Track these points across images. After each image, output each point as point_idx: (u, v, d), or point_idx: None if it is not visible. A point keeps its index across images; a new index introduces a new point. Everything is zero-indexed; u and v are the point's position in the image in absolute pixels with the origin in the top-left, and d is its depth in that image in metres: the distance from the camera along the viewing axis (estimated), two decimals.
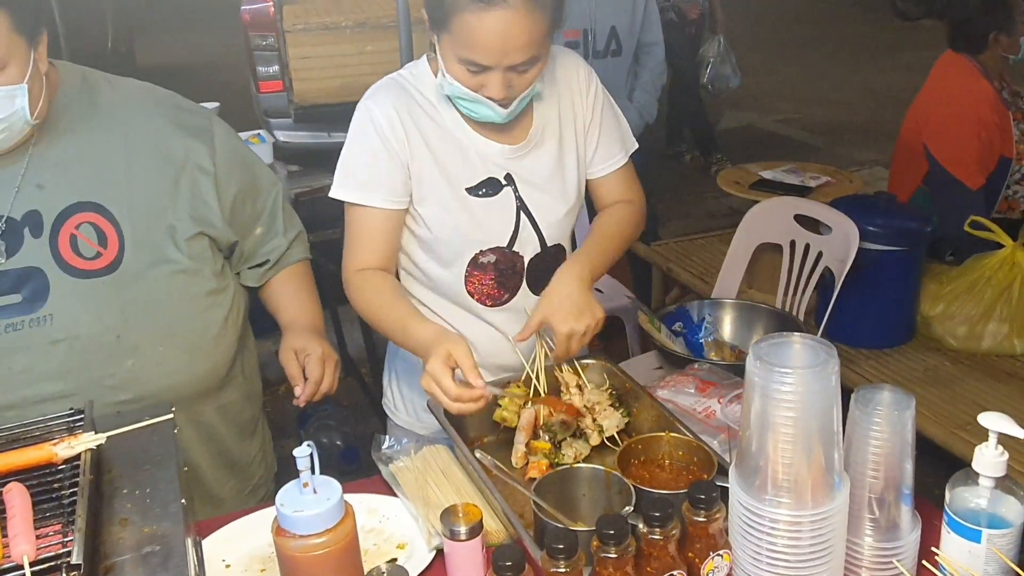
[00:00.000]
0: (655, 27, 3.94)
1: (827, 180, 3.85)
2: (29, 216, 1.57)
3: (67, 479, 1.18)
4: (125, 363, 1.61)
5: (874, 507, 1.28)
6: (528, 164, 1.77)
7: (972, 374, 2.84)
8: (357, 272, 1.74)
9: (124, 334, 1.60)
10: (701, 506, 1.24)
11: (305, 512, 1.12)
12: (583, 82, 1.83)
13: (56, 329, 1.56)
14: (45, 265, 1.56)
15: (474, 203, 1.73)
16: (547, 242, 1.81)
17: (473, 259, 1.77)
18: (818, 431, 1.17)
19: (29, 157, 1.57)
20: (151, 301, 1.62)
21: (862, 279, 2.82)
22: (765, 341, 1.22)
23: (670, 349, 2.51)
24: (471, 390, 1.53)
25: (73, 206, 1.58)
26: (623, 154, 1.89)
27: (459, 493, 1.53)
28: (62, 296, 1.56)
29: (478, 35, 1.53)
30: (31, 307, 1.55)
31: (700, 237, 3.92)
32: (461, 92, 1.62)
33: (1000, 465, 1.21)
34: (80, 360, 1.58)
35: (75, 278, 1.57)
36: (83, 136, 1.61)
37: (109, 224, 1.60)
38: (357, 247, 1.75)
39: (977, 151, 3.10)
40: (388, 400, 2.03)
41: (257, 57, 4.96)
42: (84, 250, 1.58)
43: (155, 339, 1.64)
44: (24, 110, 1.48)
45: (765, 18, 10.67)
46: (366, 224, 1.73)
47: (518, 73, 1.59)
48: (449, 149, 1.72)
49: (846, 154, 6.65)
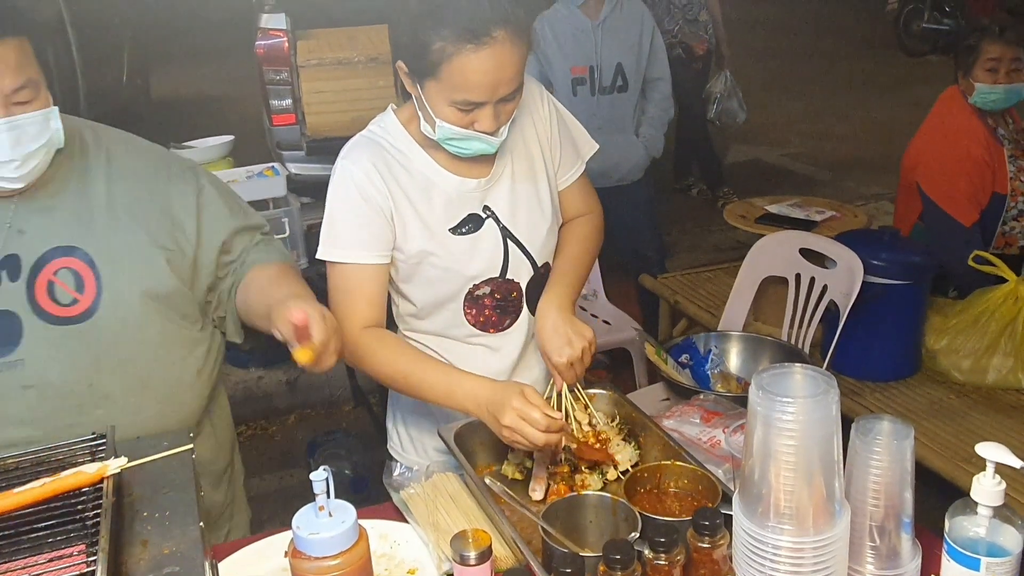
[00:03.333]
0: (661, 63, 4.01)
1: (832, 214, 3.89)
2: (8, 260, 1.56)
3: (90, 501, 1.22)
4: (95, 412, 1.59)
5: (875, 535, 1.31)
6: (503, 191, 1.80)
7: (977, 407, 2.85)
8: (365, 331, 1.73)
9: (96, 382, 1.59)
10: (705, 532, 1.27)
11: (321, 535, 1.15)
12: (538, 100, 1.86)
13: (27, 375, 1.55)
14: (20, 310, 1.55)
15: (459, 241, 1.77)
16: (538, 263, 1.84)
17: (468, 294, 1.80)
18: (819, 459, 1.21)
19: (15, 203, 1.57)
20: (126, 350, 1.61)
21: (867, 312, 2.85)
22: (767, 371, 1.26)
23: (677, 381, 2.54)
24: (556, 420, 1.58)
25: (53, 251, 1.58)
26: (580, 162, 1.93)
27: (468, 519, 1.56)
28: (35, 341, 1.56)
29: (471, 75, 1.56)
30: (2, 351, 1.54)
31: (707, 270, 3.96)
32: (453, 132, 1.65)
33: (998, 494, 1.24)
34: (50, 407, 1.57)
35: (49, 324, 1.56)
36: (67, 182, 1.61)
37: (88, 268, 1.59)
38: (354, 305, 1.73)
39: (967, 188, 3.14)
40: (394, 443, 2.03)
41: (271, 91, 5.05)
42: (61, 296, 1.57)
43: (128, 389, 1.62)
44: (58, 131, 1.52)
45: (771, 54, 10.78)
46: (358, 281, 1.73)
47: (506, 103, 1.64)
48: (426, 195, 1.75)
49: (853, 188, 6.70)
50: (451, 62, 1.56)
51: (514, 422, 1.57)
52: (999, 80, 3.14)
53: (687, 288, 3.75)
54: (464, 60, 1.55)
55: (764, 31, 11.51)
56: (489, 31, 1.54)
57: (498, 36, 1.54)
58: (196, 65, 11.31)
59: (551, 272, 1.87)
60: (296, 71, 5.00)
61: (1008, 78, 3.14)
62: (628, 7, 3.91)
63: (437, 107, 1.63)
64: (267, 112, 5.11)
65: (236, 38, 7.33)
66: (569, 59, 3.85)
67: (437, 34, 1.55)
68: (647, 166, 4.05)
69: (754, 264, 3.16)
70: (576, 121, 1.95)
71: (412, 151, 1.76)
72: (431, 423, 1.92)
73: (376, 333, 1.74)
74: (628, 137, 3.97)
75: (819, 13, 13.23)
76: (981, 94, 3.17)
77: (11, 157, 1.48)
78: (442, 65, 1.57)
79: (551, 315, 1.77)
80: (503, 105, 1.63)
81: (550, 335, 1.75)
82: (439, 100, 1.62)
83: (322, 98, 5.00)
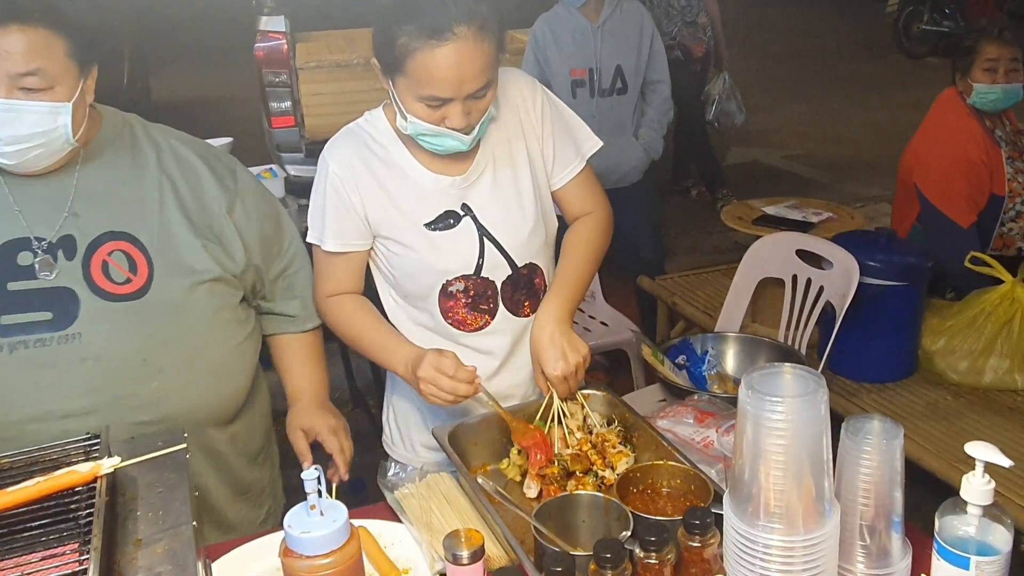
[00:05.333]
0: (661, 65, 4.02)
1: (829, 216, 3.90)
2: (64, 239, 1.64)
3: (83, 500, 1.22)
4: (150, 385, 1.67)
5: (865, 534, 1.31)
6: (481, 190, 1.82)
7: (973, 408, 2.86)
8: (328, 298, 1.88)
9: (150, 357, 1.66)
10: (696, 531, 1.28)
11: (312, 533, 1.16)
12: (528, 97, 1.86)
13: (85, 347, 1.62)
14: (77, 286, 1.63)
15: (434, 236, 1.80)
16: (517, 263, 1.85)
17: (442, 289, 1.83)
18: (808, 458, 1.21)
19: (75, 187, 1.65)
20: (177, 327, 1.69)
21: (863, 314, 2.85)
22: (757, 371, 1.27)
23: (673, 382, 2.54)
24: (463, 371, 1.67)
25: (106, 234, 1.66)
26: (579, 159, 1.92)
27: (461, 519, 1.57)
28: (92, 317, 1.62)
29: (434, 71, 1.60)
30: (61, 325, 1.61)
31: (705, 271, 3.96)
32: (424, 128, 1.68)
33: (987, 493, 1.24)
34: (106, 379, 1.63)
35: (105, 300, 1.64)
36: (122, 170, 1.70)
37: (140, 253, 1.67)
38: (323, 280, 1.89)
39: (965, 190, 3.15)
40: (387, 436, 2.08)
41: (270, 93, 5.06)
42: (115, 275, 1.65)
43: (179, 364, 1.70)
44: (67, 128, 1.56)
45: (770, 56, 10.78)
46: (326, 262, 1.87)
47: (476, 99, 1.66)
48: (404, 189, 1.79)
49: (851, 190, 6.70)
50: (415, 58, 1.60)
51: (426, 372, 1.67)
52: (997, 80, 3.16)
53: (684, 290, 3.75)
54: (427, 56, 1.59)
55: (763, 33, 11.51)
56: (451, 27, 1.57)
57: (460, 32, 1.58)
58: (196, 67, 11.33)
59: (554, 279, 1.89)
60: (295, 73, 5.01)
61: (1006, 78, 3.16)
62: (628, 9, 3.92)
63: (407, 103, 1.67)
64: (266, 114, 5.12)
65: (235, 40, 7.34)
66: (569, 61, 3.86)
67: (402, 30, 1.60)
68: (646, 168, 4.06)
69: (751, 265, 3.16)
70: (577, 118, 1.95)
71: (392, 145, 1.80)
72: (424, 420, 1.95)
73: (338, 300, 1.88)
74: (627, 139, 3.97)
75: (818, 15, 13.25)
76: (980, 94, 3.18)
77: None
78: (407, 61, 1.61)
79: (548, 327, 1.79)
80: (473, 102, 1.66)
81: (546, 346, 1.78)
82: (408, 96, 1.66)
83: (321, 100, 5.02)
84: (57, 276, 1.62)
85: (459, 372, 1.67)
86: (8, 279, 1.61)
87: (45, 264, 1.62)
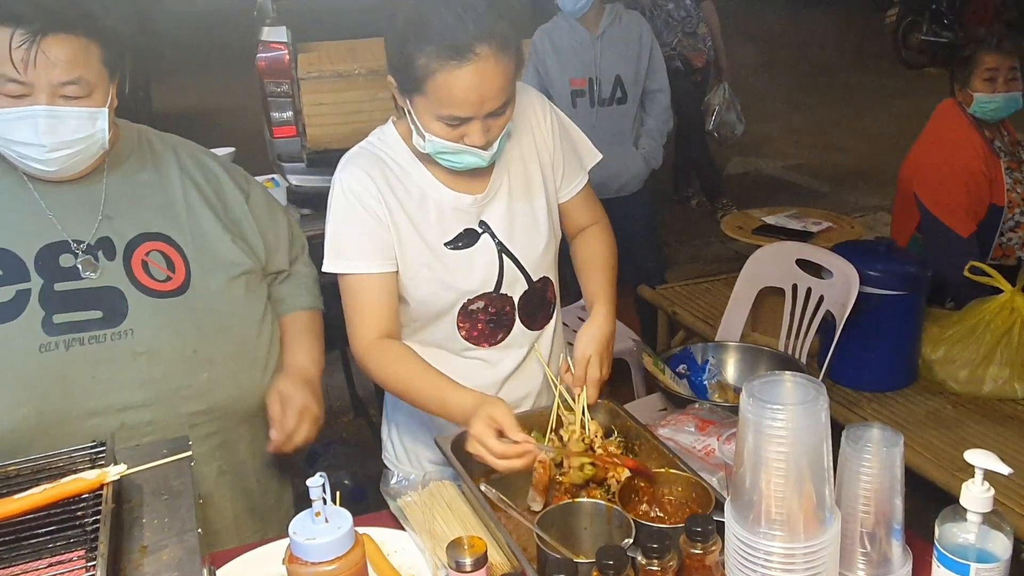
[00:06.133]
0: (660, 75, 4.04)
1: (828, 225, 3.91)
2: (102, 241, 1.68)
3: (90, 508, 1.23)
4: (201, 375, 1.71)
5: (866, 542, 1.32)
6: (497, 206, 1.82)
7: (973, 417, 2.86)
8: (373, 342, 1.76)
9: (200, 348, 1.71)
10: (697, 539, 1.28)
11: (317, 540, 1.17)
12: (539, 114, 1.87)
13: (137, 342, 1.65)
14: (121, 284, 1.67)
15: (454, 256, 1.78)
16: (533, 278, 1.86)
17: (463, 308, 1.82)
18: (809, 466, 1.22)
19: (104, 192, 1.69)
20: (222, 319, 1.74)
21: (863, 323, 2.86)
22: (758, 379, 1.27)
23: (674, 391, 2.55)
24: (516, 446, 1.58)
25: (141, 235, 1.71)
26: (583, 173, 1.95)
27: (464, 526, 1.57)
28: (140, 313, 1.66)
29: (455, 91, 1.58)
30: (112, 322, 1.65)
31: (705, 281, 3.97)
32: (443, 147, 1.66)
33: (987, 501, 1.25)
34: (161, 371, 1.67)
35: (151, 297, 1.68)
36: (146, 174, 1.75)
37: (175, 252, 1.72)
38: (363, 316, 1.77)
39: (965, 199, 3.16)
40: (388, 453, 2.05)
41: (271, 103, 5.09)
42: (156, 273, 1.70)
43: (227, 354, 1.74)
44: (104, 132, 1.61)
45: (770, 66, 10.81)
46: (366, 291, 1.76)
47: (496, 117, 1.65)
48: (423, 208, 1.77)
49: (851, 200, 6.72)
50: (435, 78, 1.57)
51: (473, 448, 1.61)
52: (997, 89, 3.18)
53: (685, 299, 3.76)
54: (448, 77, 1.56)
55: (762, 44, 11.54)
56: (472, 47, 1.55)
57: (481, 52, 1.55)
58: (197, 77, 11.36)
59: (597, 290, 1.91)
60: (297, 83, 5.03)
61: (1006, 87, 3.18)
62: (627, 20, 3.95)
63: (426, 122, 1.65)
64: (268, 124, 5.14)
65: (237, 51, 7.36)
66: (568, 71, 3.88)
67: (421, 51, 1.57)
68: (646, 177, 4.08)
69: (751, 275, 3.18)
70: (579, 131, 1.96)
71: (409, 164, 1.78)
72: (425, 434, 1.94)
73: (382, 346, 1.76)
74: (627, 149, 3.99)
75: (817, 26, 13.30)
76: (980, 103, 3.20)
77: (42, 143, 1.56)
78: (427, 81, 1.58)
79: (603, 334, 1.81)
80: (493, 120, 1.65)
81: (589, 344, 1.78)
82: (427, 115, 1.64)
83: (322, 110, 5.04)
84: (101, 276, 1.66)
85: (507, 452, 1.58)
86: (54, 280, 1.64)
87: (88, 264, 1.65)
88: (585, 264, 1.96)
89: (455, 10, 1.55)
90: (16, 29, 1.49)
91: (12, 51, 1.50)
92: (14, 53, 1.50)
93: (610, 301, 1.89)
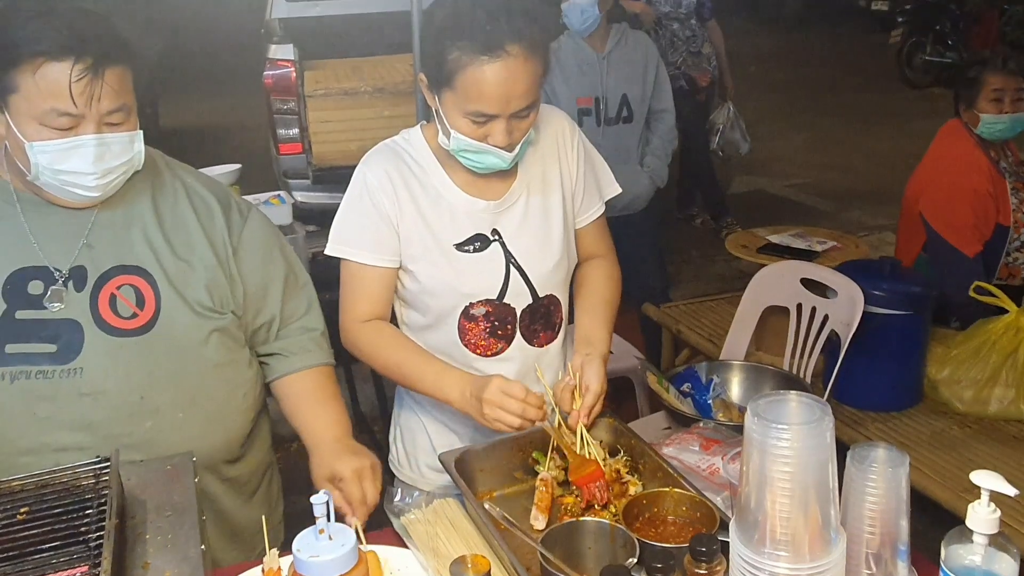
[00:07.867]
0: (666, 94, 4.05)
1: (833, 245, 3.91)
2: (75, 271, 1.65)
3: (94, 523, 1.23)
4: (144, 424, 1.66)
5: (871, 562, 1.31)
6: (512, 217, 1.85)
7: (978, 438, 2.85)
8: (360, 323, 1.84)
9: (148, 395, 1.65)
10: (702, 559, 1.28)
11: (321, 557, 1.17)
12: (568, 139, 1.91)
13: (85, 382, 1.61)
14: (82, 319, 1.63)
15: (462, 258, 1.82)
16: (539, 293, 1.88)
17: (464, 311, 1.84)
18: (814, 486, 1.21)
19: (93, 218, 1.67)
20: (178, 366, 1.68)
21: (868, 342, 2.86)
22: (763, 399, 1.27)
23: (678, 409, 2.54)
24: (533, 395, 1.66)
25: (116, 267, 1.67)
26: (600, 203, 1.99)
27: (468, 544, 1.57)
28: (94, 351, 1.62)
29: (483, 87, 1.63)
30: (63, 359, 1.61)
31: (710, 299, 3.97)
32: (467, 144, 1.71)
33: (993, 522, 1.24)
34: (103, 415, 1.62)
35: (108, 335, 1.64)
36: (140, 205, 1.71)
37: (149, 288, 1.68)
38: (354, 299, 1.85)
39: (971, 219, 3.17)
40: (393, 457, 2.08)
41: (278, 120, 5.12)
42: (121, 310, 1.65)
43: (176, 404, 1.69)
44: (140, 154, 1.63)
45: (774, 86, 10.85)
46: (359, 278, 1.84)
47: (519, 119, 1.70)
48: (437, 209, 1.82)
49: (856, 219, 6.72)
50: (465, 72, 1.63)
51: (493, 395, 1.66)
52: (1004, 110, 3.20)
53: (689, 317, 3.76)
54: (477, 71, 1.62)
55: (767, 63, 11.60)
56: (503, 45, 1.61)
57: (512, 51, 1.62)
58: (204, 94, 11.42)
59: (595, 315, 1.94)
60: (303, 101, 5.07)
61: (1013, 107, 3.21)
62: (633, 39, 3.96)
63: (452, 118, 1.70)
64: (274, 141, 5.17)
65: (244, 68, 7.41)
66: (575, 90, 3.89)
67: (455, 45, 1.63)
68: (651, 196, 4.08)
69: (756, 294, 3.17)
70: (603, 161, 2.01)
71: (429, 164, 1.82)
72: (431, 442, 1.96)
73: (375, 325, 1.84)
74: (633, 167, 4.00)
75: (822, 46, 13.34)
76: (987, 124, 3.21)
77: (93, 170, 1.56)
78: (457, 75, 1.64)
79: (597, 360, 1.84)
80: (516, 121, 1.70)
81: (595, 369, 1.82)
82: (454, 111, 1.69)
83: (328, 128, 5.07)
84: (65, 308, 1.63)
85: (529, 396, 1.67)
86: (17, 307, 1.61)
87: (55, 295, 1.62)
88: (593, 290, 1.99)
89: (490, 10, 1.63)
90: (75, 63, 1.49)
91: (72, 84, 1.50)
92: (74, 87, 1.50)
93: (603, 342, 1.91)
